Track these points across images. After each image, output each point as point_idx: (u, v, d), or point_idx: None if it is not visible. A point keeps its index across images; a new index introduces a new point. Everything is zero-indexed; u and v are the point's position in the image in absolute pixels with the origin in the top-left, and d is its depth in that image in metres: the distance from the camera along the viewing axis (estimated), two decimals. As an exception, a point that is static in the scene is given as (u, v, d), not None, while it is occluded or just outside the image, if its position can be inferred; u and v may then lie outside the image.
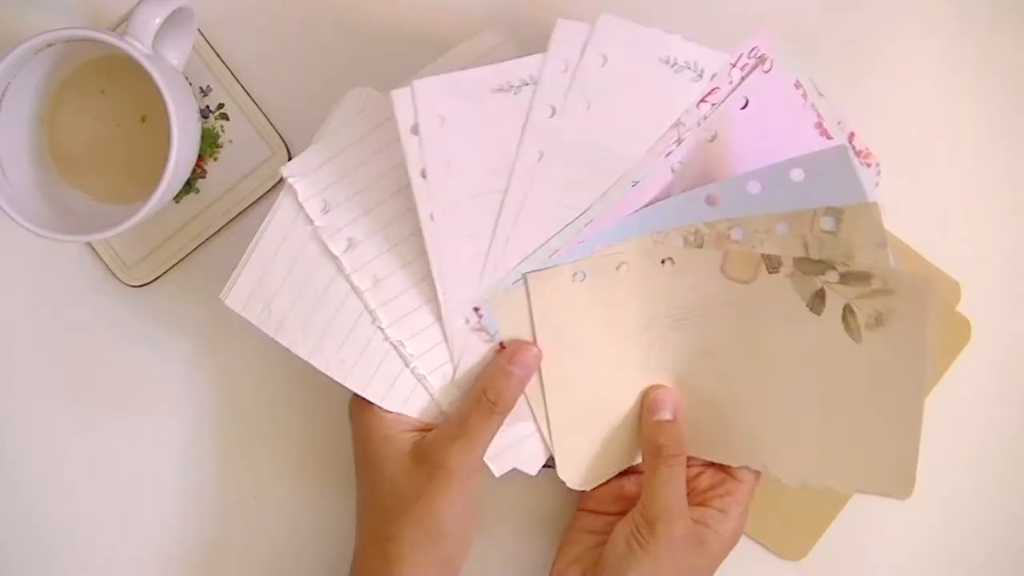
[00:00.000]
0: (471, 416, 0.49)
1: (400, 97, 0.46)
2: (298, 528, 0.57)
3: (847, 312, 0.49)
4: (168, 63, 0.51)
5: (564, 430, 0.52)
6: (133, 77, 0.49)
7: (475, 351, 0.51)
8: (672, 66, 0.47)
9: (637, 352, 0.51)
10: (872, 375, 0.49)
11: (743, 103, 0.49)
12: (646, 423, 0.51)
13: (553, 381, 0.51)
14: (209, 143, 0.55)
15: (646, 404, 0.52)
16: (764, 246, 0.49)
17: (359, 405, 0.51)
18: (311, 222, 0.49)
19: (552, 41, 0.47)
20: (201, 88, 0.54)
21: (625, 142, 0.49)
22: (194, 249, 0.55)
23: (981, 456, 0.57)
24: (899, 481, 0.50)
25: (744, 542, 0.57)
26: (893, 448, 0.50)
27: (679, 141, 0.49)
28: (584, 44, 0.47)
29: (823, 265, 0.48)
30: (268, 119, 0.55)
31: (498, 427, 0.49)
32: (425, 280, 0.50)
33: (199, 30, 0.53)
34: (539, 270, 0.50)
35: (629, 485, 0.53)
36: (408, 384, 0.51)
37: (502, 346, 0.51)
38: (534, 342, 0.51)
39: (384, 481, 0.49)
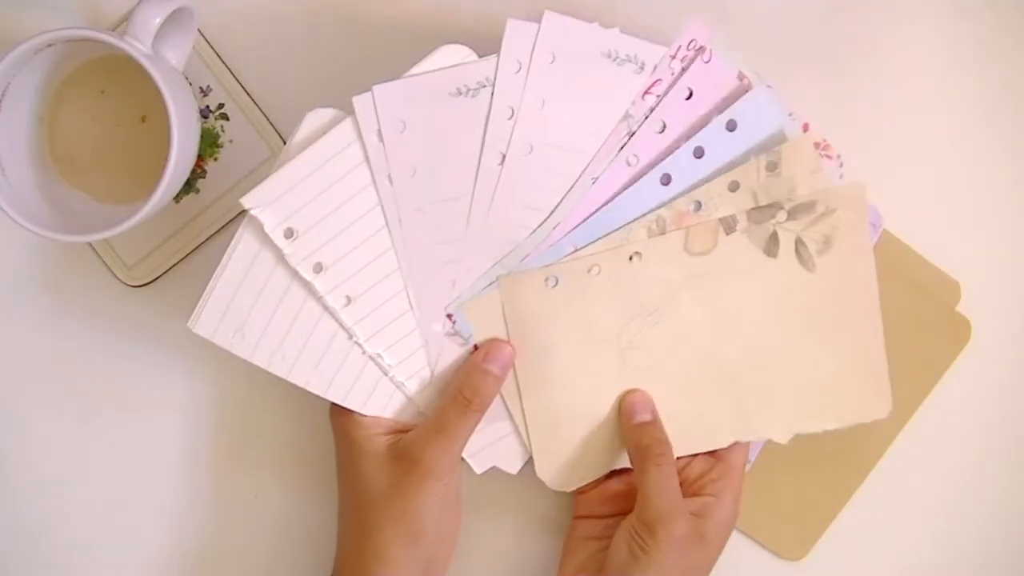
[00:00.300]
0: (448, 414, 0.49)
1: (361, 103, 0.47)
2: (297, 528, 0.57)
3: (799, 245, 0.51)
4: (168, 63, 0.51)
5: (541, 430, 0.52)
6: (133, 77, 0.49)
7: (451, 355, 0.51)
8: (614, 60, 0.49)
9: (614, 354, 0.52)
10: (830, 300, 0.51)
11: (687, 94, 0.50)
12: (627, 428, 0.51)
13: (528, 382, 0.52)
14: (209, 143, 0.55)
15: (623, 410, 0.52)
16: (720, 210, 0.51)
17: (338, 410, 0.51)
18: (278, 249, 0.49)
19: (504, 42, 0.48)
20: (201, 88, 0.54)
21: (580, 139, 0.50)
22: (194, 249, 0.55)
23: (981, 456, 0.57)
24: (876, 400, 0.52)
25: (744, 542, 0.57)
26: (864, 368, 0.52)
27: (630, 134, 0.50)
28: (534, 43, 0.48)
29: (772, 208, 0.50)
30: (268, 119, 0.55)
31: (475, 424, 0.50)
32: (400, 293, 0.50)
33: (199, 30, 0.53)
34: (512, 273, 0.51)
35: (616, 485, 0.53)
36: (387, 390, 0.51)
37: (477, 348, 0.51)
38: (508, 341, 0.51)
39: (363, 481, 0.49)
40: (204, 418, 0.57)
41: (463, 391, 0.49)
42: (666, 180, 0.50)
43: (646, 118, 0.50)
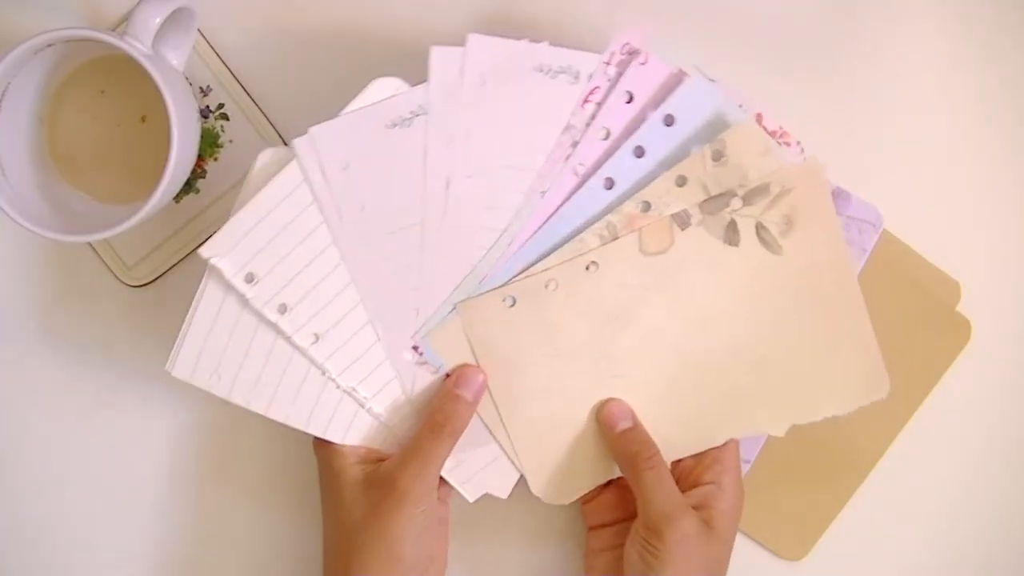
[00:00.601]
0: (421, 439, 0.50)
1: (302, 145, 0.48)
2: (295, 533, 0.57)
3: (760, 230, 0.50)
4: (168, 63, 0.51)
5: (528, 448, 0.52)
6: (133, 77, 0.49)
7: (425, 382, 0.52)
8: (547, 73, 0.49)
9: (588, 365, 0.52)
10: (804, 280, 0.50)
11: (628, 97, 0.50)
12: (610, 439, 0.51)
13: (506, 402, 0.52)
14: (209, 143, 0.55)
15: (603, 421, 0.52)
16: (671, 207, 0.50)
17: (320, 441, 0.52)
18: (242, 294, 0.49)
19: (431, 69, 0.48)
20: (201, 88, 0.54)
21: (524, 155, 0.50)
22: (194, 249, 0.55)
23: (981, 456, 0.57)
24: (872, 380, 0.51)
25: (744, 542, 0.57)
26: (853, 348, 0.51)
27: (575, 144, 0.50)
28: (461, 67, 0.48)
29: (725, 197, 0.50)
30: (268, 119, 0.55)
31: (449, 448, 0.50)
32: (366, 326, 0.51)
33: (199, 30, 0.54)
34: (469, 299, 0.51)
35: (617, 490, 0.53)
36: (365, 421, 0.52)
37: (448, 376, 0.52)
38: (479, 367, 0.51)
39: (343, 509, 0.50)
40: (203, 418, 0.57)
41: (435, 416, 0.50)
42: (609, 184, 0.50)
43: (588, 126, 0.50)
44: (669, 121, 0.50)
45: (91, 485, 0.57)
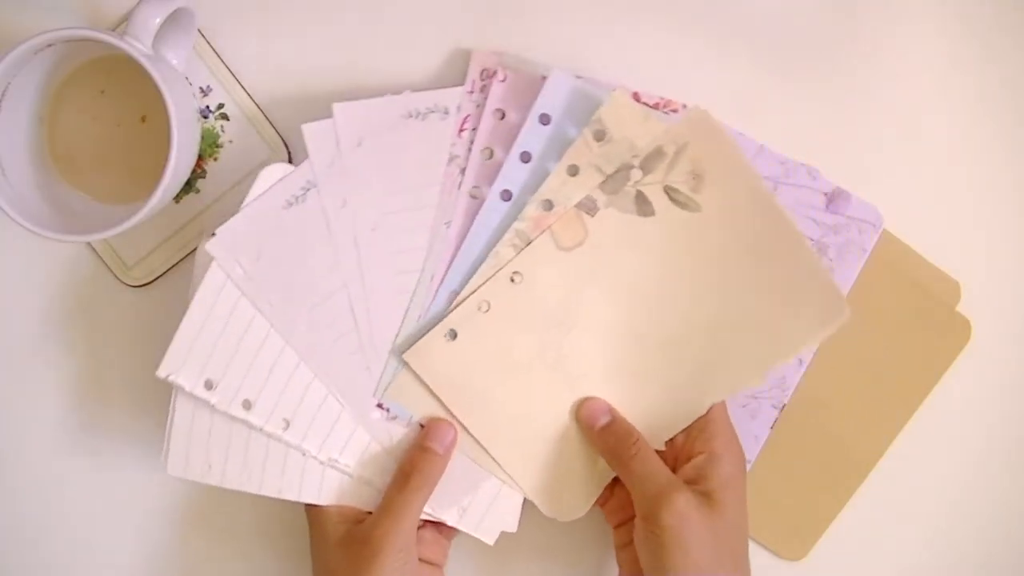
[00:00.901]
0: (391, 493, 0.50)
1: (214, 245, 0.50)
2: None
3: (670, 193, 0.50)
4: (168, 63, 0.51)
5: (526, 472, 0.52)
6: (133, 77, 0.49)
7: (401, 435, 0.53)
8: (416, 117, 0.51)
9: (548, 374, 0.52)
10: (732, 229, 0.50)
11: (500, 115, 0.52)
12: (592, 438, 0.51)
13: (488, 434, 0.52)
14: (209, 143, 0.55)
15: (582, 423, 0.52)
16: (573, 199, 0.51)
17: (309, 505, 0.52)
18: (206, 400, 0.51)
19: (308, 147, 0.51)
20: (201, 88, 0.54)
21: (419, 195, 0.52)
22: (194, 249, 0.55)
23: (981, 456, 0.57)
24: (830, 306, 0.51)
25: (744, 542, 0.56)
26: (802, 279, 0.50)
27: (463, 171, 0.52)
28: (335, 136, 0.51)
29: (622, 172, 0.50)
30: (268, 119, 0.55)
31: (421, 502, 0.50)
32: (328, 397, 0.52)
33: (199, 30, 0.53)
34: (412, 348, 0.51)
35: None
36: (349, 483, 0.52)
37: (422, 425, 0.52)
38: (448, 411, 0.52)
39: (328, 566, 0.50)
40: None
41: (403, 468, 0.51)
42: (507, 196, 0.51)
43: (470, 151, 0.52)
44: (545, 120, 0.51)
45: (91, 485, 0.57)
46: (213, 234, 0.50)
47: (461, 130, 0.52)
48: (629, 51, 0.55)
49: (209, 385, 0.50)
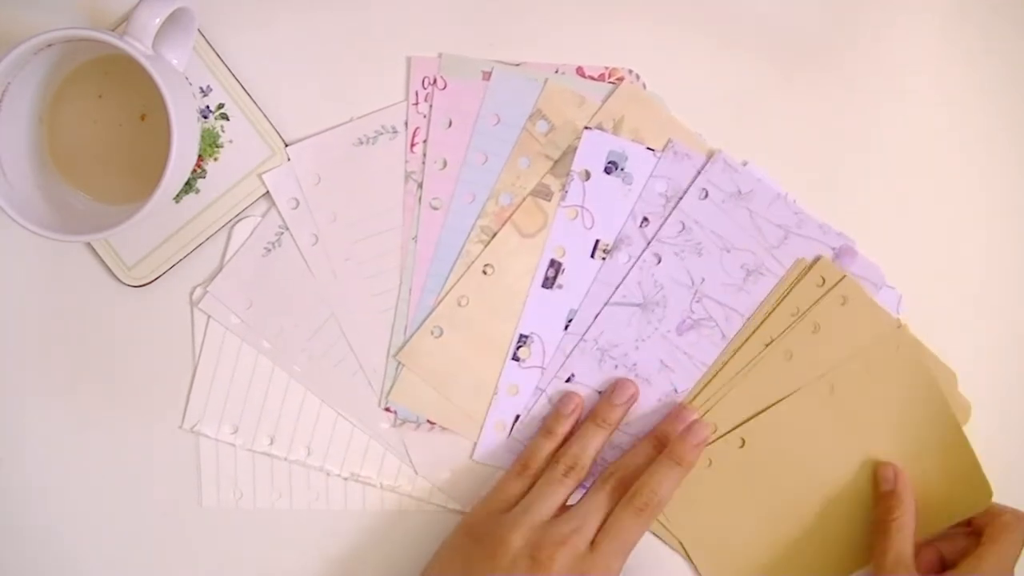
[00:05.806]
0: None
1: (206, 303, 0.54)
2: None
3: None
4: (168, 63, 0.51)
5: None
6: (133, 77, 0.49)
7: (414, 439, 0.56)
8: (366, 143, 0.54)
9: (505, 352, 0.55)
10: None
11: (448, 123, 0.54)
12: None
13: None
14: (209, 143, 0.55)
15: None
16: (528, 188, 0.54)
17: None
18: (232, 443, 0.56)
19: (271, 193, 0.54)
20: (201, 88, 0.54)
21: (383, 218, 0.55)
22: (194, 249, 0.55)
23: (981, 456, 0.57)
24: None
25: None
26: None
27: (420, 185, 0.54)
28: (296, 178, 0.54)
29: (568, 154, 0.53)
30: (268, 119, 0.55)
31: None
32: (339, 419, 0.56)
33: (199, 30, 0.54)
34: (403, 349, 0.55)
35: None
36: (376, 492, 0.56)
37: (430, 423, 0.55)
38: (448, 401, 0.55)
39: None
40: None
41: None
42: (470, 198, 0.54)
43: (424, 165, 0.53)
44: (493, 120, 0.53)
45: (91, 485, 0.57)
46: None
47: (413, 144, 0.54)
48: (629, 51, 0.55)
49: (233, 430, 0.55)
